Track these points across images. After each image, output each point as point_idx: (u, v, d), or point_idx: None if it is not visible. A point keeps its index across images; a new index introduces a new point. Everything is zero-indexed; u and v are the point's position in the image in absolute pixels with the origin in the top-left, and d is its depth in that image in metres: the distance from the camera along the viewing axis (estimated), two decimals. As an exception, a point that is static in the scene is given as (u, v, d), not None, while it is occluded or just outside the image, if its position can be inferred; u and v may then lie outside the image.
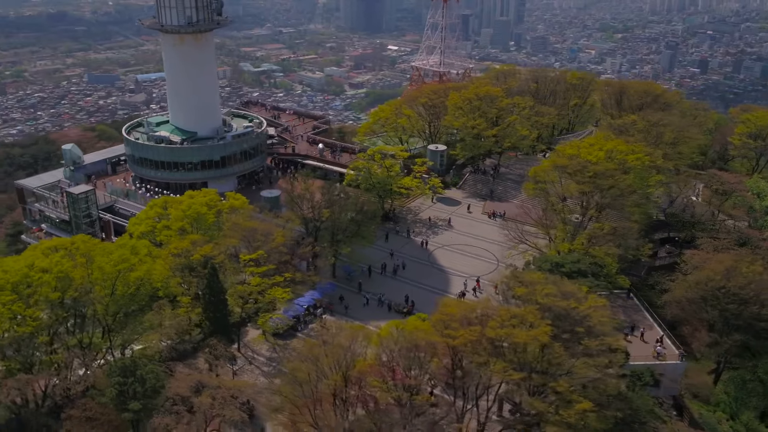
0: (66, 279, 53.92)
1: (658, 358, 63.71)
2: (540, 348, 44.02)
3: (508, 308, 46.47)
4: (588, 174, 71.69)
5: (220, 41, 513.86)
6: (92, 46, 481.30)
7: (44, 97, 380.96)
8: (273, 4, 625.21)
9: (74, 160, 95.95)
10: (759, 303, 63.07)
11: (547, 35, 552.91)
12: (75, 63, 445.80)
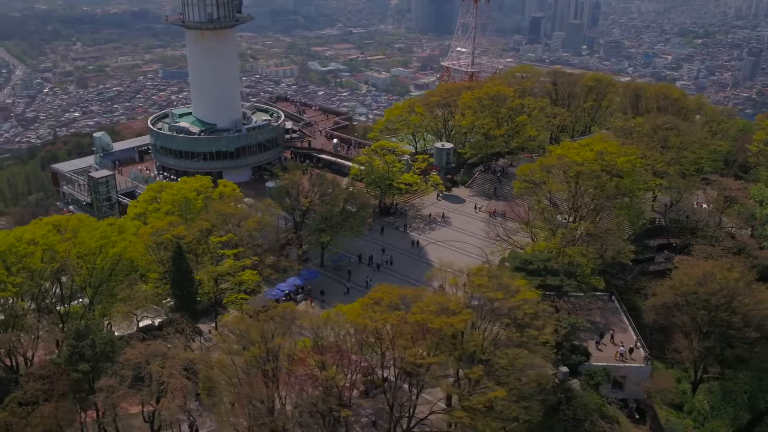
0: (51, 251, 58.91)
1: (621, 358, 63.84)
2: (457, 334, 45.48)
3: (433, 295, 48.07)
4: (570, 174, 71.98)
5: (292, 40, 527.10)
6: (170, 43, 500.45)
7: (121, 90, 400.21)
8: (346, 5, 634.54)
9: (103, 148, 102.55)
10: (729, 310, 62.09)
11: (622, 39, 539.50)
12: (153, 59, 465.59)
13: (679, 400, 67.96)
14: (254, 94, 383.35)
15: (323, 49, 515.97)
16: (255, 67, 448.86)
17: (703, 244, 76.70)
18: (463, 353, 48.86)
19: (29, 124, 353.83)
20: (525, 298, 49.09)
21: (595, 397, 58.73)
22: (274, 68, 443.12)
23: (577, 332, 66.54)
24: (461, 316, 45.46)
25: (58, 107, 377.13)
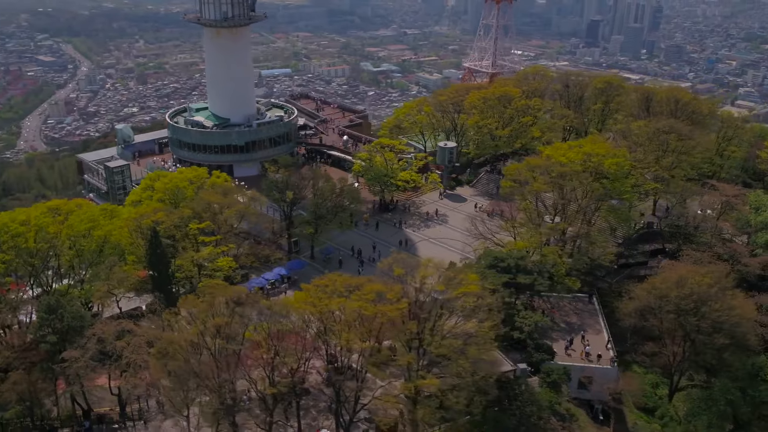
0: (42, 232, 63.09)
1: (587, 357, 64.13)
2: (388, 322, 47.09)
3: (374, 285, 49.71)
4: (553, 175, 72.36)
5: (346, 40, 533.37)
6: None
7: (178, 87, 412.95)
8: (401, 6, 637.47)
9: (125, 139, 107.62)
10: (699, 315, 61.61)
11: (684, 44, 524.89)
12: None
13: (652, 404, 67.69)
14: (304, 93, 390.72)
15: (377, 50, 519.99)
16: (308, 67, 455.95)
17: (695, 250, 75.92)
18: (411, 342, 50.64)
19: (90, 117, 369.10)
20: (466, 291, 50.16)
21: (550, 395, 59.31)
22: (326, 68, 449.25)
23: (549, 331, 67.40)
24: (396, 305, 47.01)
25: (118, 102, 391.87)
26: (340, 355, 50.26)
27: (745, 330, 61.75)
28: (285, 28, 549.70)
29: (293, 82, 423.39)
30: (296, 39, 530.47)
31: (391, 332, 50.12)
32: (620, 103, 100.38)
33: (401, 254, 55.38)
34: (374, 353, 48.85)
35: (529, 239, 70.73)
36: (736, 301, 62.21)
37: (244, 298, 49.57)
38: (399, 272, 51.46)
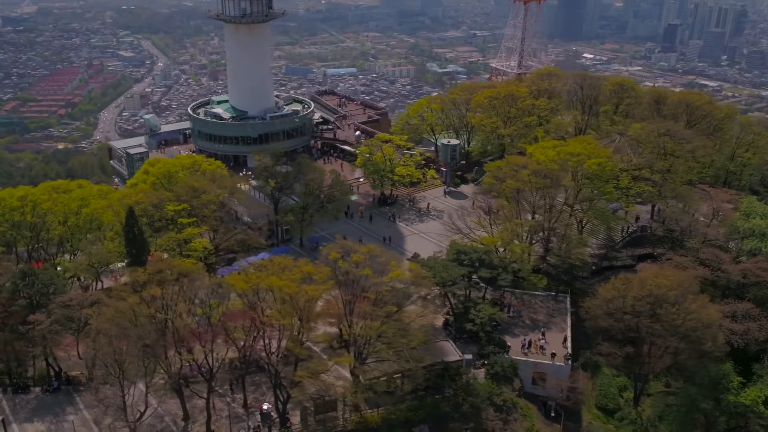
0: (37, 208, 68.74)
1: (541, 351, 64.69)
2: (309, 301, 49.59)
3: (304, 266, 52.24)
4: (526, 173, 72.97)
5: (415, 41, 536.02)
6: (299, 41, 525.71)
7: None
8: (473, 7, 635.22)
9: (151, 128, 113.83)
10: (654, 317, 61.26)
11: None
12: (281, 56, 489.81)
13: (612, 406, 67.42)
14: (367, 93, 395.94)
15: (444, 51, 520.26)
16: (373, 67, 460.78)
17: (682, 255, 74.98)
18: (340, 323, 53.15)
19: (162, 111, 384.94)
20: (394, 277, 52.09)
21: (491, 387, 60.30)
22: (391, 68, 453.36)
23: (512, 327, 68.24)
24: (317, 286, 49.50)
25: (189, 97, 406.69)
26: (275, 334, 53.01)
27: (702, 335, 60.88)
28: (355, 28, 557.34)
29: (357, 82, 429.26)
30: (365, 39, 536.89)
31: (324, 314, 52.58)
32: (630, 105, 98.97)
33: (346, 241, 57.48)
34: (304, 333, 51.32)
35: (499, 235, 71.54)
36: (695, 305, 61.40)
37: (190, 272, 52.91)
38: (334, 256, 53.82)
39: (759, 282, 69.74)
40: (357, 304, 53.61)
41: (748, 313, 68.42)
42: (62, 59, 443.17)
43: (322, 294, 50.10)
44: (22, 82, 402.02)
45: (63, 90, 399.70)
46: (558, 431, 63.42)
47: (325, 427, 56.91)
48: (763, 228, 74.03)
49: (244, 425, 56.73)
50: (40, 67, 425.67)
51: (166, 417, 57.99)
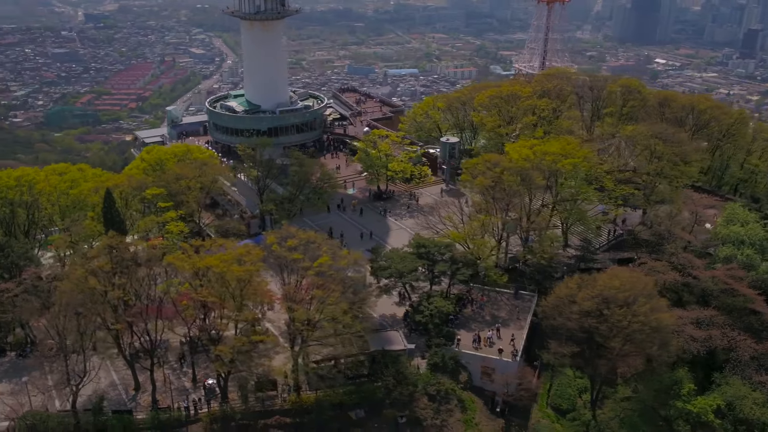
0: (32, 188, 74.12)
1: (489, 343, 65.30)
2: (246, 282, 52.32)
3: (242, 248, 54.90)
4: (497, 170, 73.46)
5: (481, 43, 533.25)
6: (365, 41, 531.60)
7: (309, 82, 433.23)
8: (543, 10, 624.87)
9: (173, 120, 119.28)
10: (600, 317, 60.94)
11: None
12: (346, 55, 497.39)
13: (566, 406, 67.25)
14: (427, 94, 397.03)
15: (510, 53, 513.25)
16: (435, 68, 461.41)
17: (656, 259, 74.02)
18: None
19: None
20: (322, 262, 54.13)
21: (428, 377, 61.43)
22: (452, 69, 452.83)
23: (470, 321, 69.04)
24: (246, 267, 52.09)
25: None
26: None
27: (648, 338, 60.15)
28: (422, 29, 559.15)
29: (418, 83, 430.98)
30: (431, 40, 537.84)
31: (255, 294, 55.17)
32: (634, 107, 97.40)
33: (290, 229, 59.78)
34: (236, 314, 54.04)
35: (464, 231, 72.33)
36: (644, 308, 60.52)
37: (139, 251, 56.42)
38: (272, 240, 56.31)
39: (727, 289, 68.08)
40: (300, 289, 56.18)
41: (712, 320, 67.13)
42: (137, 55, 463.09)
43: (252, 274, 52.48)
44: (99, 76, 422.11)
45: (135, 84, 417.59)
46: (501, 426, 63.91)
47: (263, 404, 59.47)
48: (741, 235, 72.12)
49: (191, 397, 59.88)
50: (117, 62, 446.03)
51: (119, 386, 61.87)
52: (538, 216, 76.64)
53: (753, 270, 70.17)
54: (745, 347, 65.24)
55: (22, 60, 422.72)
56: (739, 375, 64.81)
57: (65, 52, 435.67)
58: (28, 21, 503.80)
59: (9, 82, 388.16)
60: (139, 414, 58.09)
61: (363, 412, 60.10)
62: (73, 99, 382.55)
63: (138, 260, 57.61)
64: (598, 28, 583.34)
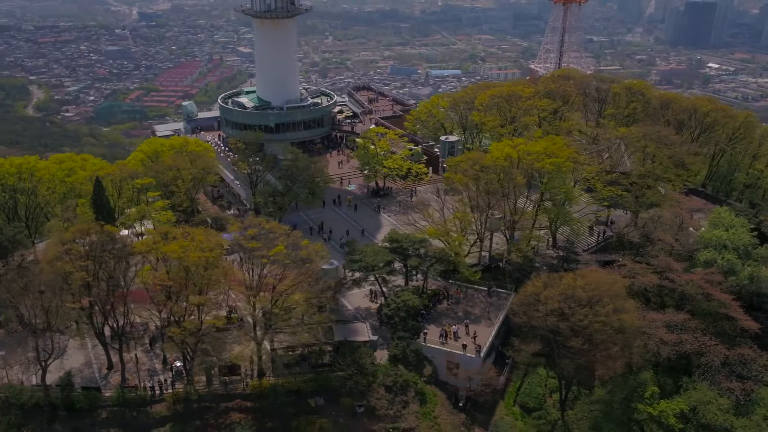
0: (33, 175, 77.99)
1: (454, 337, 65.94)
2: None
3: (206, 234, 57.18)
4: (476, 168, 73.92)
5: (528, 45, 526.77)
6: (410, 41, 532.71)
7: (351, 82, 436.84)
8: (593, 12, 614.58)
9: (188, 115, 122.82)
10: (559, 315, 61.00)
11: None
12: (390, 56, 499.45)
13: (533, 405, 67.34)
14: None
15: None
16: (478, 69, 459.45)
17: (638, 262, 73.52)
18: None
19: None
20: (277, 251, 55.77)
21: (386, 368, 62.44)
22: (496, 71, 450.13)
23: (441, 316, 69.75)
24: (207, 253, 54.19)
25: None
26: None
27: (606, 338, 59.86)
28: (468, 30, 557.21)
29: (459, 84, 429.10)
30: (477, 41, 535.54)
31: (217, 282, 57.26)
32: (636, 109, 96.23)
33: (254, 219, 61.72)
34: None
35: (441, 227, 73.05)
36: (605, 309, 60.26)
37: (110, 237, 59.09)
38: (234, 229, 58.27)
39: (702, 294, 67.07)
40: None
41: (684, 324, 66.32)
42: (186, 53, 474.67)
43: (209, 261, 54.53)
44: (149, 73, 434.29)
45: (183, 82, 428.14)
46: (462, 421, 64.42)
47: (226, 388, 61.47)
48: (723, 240, 70.85)
49: (158, 378, 62.29)
50: (166, 60, 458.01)
51: (94, 365, 64.73)
52: (522, 215, 76.52)
53: (733, 275, 68.97)
54: (716, 353, 64.32)
55: (77, 57, 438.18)
56: (709, 380, 63.90)
57: (118, 49, 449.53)
58: (85, 19, 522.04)
59: (63, 77, 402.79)
60: (107, 392, 60.70)
61: (322, 400, 61.46)
62: (122, 95, 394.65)
63: (107, 245, 59.95)
64: (649, 31, 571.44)
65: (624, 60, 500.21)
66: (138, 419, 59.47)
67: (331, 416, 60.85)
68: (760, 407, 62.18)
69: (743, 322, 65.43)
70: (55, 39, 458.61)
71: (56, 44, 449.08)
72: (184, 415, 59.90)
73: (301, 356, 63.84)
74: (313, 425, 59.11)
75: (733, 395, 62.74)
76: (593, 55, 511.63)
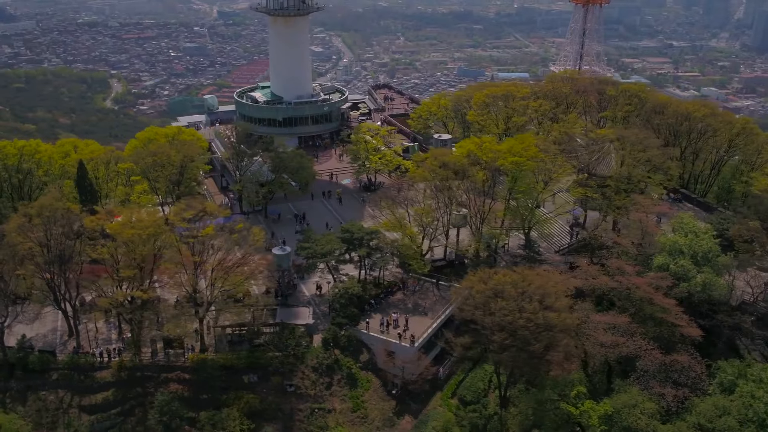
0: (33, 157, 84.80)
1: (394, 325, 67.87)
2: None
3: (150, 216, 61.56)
4: (434, 164, 75.27)
5: (602, 49, 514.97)
6: (482, 43, 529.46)
7: (417, 83, 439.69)
8: (676, 17, 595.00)
9: (209, 108, 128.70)
10: (485, 309, 61.85)
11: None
12: (460, 57, 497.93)
13: (470, 398, 68.21)
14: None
15: (633, 61, 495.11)
16: (546, 73, 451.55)
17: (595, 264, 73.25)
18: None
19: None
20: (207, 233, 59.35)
21: (317, 351, 65.07)
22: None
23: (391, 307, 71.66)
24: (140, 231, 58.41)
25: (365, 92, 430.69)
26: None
27: (528, 335, 60.16)
28: (542, 33, 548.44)
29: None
30: (550, 44, 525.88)
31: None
32: (630, 112, 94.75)
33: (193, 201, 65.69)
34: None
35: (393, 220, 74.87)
36: (531, 306, 60.63)
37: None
38: (174, 210, 62.13)
39: (646, 298, 66.18)
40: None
41: (625, 328, 65.64)
42: (260, 51, 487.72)
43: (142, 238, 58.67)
44: (223, 70, 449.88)
45: (254, 79, 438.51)
46: (392, 407, 66.14)
47: (168, 360, 65.50)
48: (680, 245, 69.51)
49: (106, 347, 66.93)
50: (240, 58, 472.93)
51: (59, 331, 70.10)
52: (488, 213, 77.15)
53: (686, 282, 67.68)
54: (652, 357, 63.40)
55: (156, 53, 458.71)
56: (642, 384, 63.10)
57: (195, 46, 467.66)
58: (168, 17, 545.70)
59: (142, 72, 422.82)
60: (60, 356, 65.81)
61: (256, 377, 64.62)
62: (195, 90, 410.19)
63: (59, 221, 64.66)
64: (736, 37, 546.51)
65: (705, 66, 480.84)
66: (85, 383, 64.23)
67: (261, 393, 63.88)
68: (691, 415, 60.83)
69: (684, 329, 64.20)
70: (138, 35, 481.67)
71: (138, 40, 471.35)
72: (126, 382, 64.24)
73: (241, 335, 67.33)
74: (241, 399, 62.27)
75: (664, 401, 61.72)
76: (671, 60, 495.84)
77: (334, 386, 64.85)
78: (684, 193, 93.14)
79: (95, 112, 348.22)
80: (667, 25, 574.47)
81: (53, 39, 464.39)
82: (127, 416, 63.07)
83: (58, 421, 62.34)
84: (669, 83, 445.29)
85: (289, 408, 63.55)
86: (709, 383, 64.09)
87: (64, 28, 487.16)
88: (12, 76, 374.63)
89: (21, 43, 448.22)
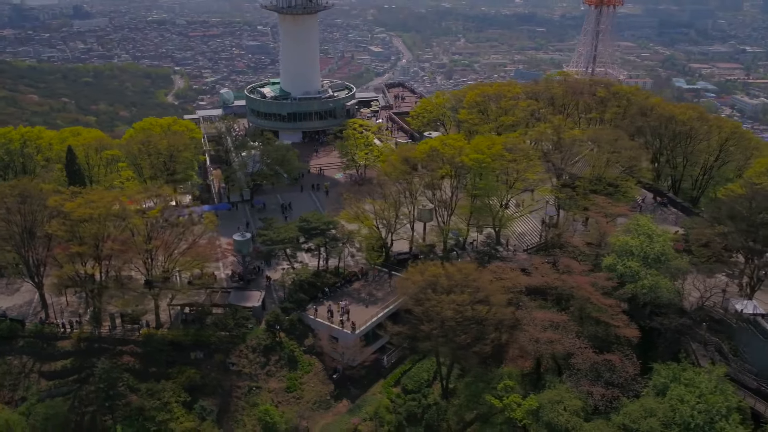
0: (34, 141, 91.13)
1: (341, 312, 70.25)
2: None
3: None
4: (393, 158, 77.10)
5: (671, 53, 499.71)
6: (544, 46, 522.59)
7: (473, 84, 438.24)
8: (752, 20, 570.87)
9: (225, 102, 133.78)
10: (416, 300, 63.55)
11: None
12: (520, 59, 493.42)
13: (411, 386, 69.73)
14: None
15: (701, 66, 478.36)
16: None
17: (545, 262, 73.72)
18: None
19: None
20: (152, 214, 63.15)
21: (258, 332, 68.23)
22: (625, 79, 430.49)
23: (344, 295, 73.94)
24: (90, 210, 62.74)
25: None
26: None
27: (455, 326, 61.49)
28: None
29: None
30: (615, 48, 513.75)
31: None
32: (616, 114, 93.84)
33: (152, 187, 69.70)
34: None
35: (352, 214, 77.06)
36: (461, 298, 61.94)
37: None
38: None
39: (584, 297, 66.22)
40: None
41: (562, 325, 65.90)
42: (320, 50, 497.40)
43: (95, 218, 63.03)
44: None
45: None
46: (329, 390, 68.43)
47: (125, 333, 69.72)
48: (629, 246, 69.10)
49: (75, 319, 71.68)
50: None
51: (33, 303, 75.42)
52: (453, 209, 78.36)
53: (633, 283, 67.33)
54: (585, 356, 63.47)
55: (220, 50, 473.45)
56: (573, 382, 63.28)
57: (257, 44, 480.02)
58: (234, 15, 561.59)
59: (204, 69, 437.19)
60: (28, 324, 70.97)
61: (202, 354, 68.02)
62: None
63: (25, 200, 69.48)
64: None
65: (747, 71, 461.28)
66: (47, 350, 69.01)
67: (205, 369, 67.27)
68: (618, 416, 60.58)
69: (621, 329, 63.99)
70: (203, 33, 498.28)
71: (204, 38, 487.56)
72: (85, 352, 68.72)
73: (194, 315, 70.98)
74: (183, 374, 65.84)
75: (592, 399, 61.73)
76: (743, 66, 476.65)
77: (270, 366, 67.65)
78: (670, 198, 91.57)
79: (155, 107, 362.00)
80: (741, 30, 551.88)
81: (124, 36, 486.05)
82: (82, 383, 67.53)
83: (19, 384, 67.32)
84: (738, 90, 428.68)
85: (229, 385, 66.75)
86: (645, 385, 63.68)
87: (134, 26, 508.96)
88: (82, 71, 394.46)
89: (94, 39, 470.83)
